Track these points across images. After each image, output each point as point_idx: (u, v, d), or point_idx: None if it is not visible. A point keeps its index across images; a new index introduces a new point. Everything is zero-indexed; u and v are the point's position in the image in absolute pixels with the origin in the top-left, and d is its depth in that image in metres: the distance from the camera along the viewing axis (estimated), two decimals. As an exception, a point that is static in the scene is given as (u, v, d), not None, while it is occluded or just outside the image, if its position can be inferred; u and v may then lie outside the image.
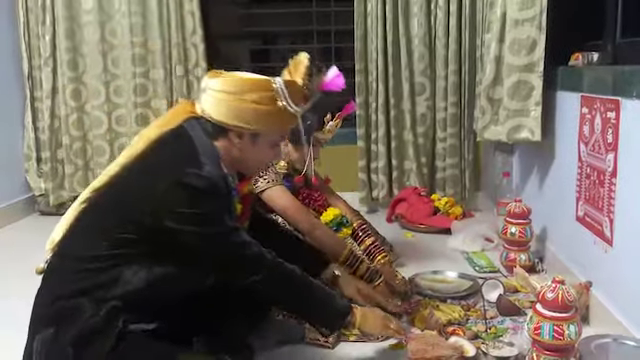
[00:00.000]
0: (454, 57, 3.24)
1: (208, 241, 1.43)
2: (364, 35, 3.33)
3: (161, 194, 1.39)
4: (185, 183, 1.39)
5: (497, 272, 2.46)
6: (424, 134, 3.37)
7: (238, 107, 1.46)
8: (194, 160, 1.43)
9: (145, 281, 1.43)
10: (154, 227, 1.40)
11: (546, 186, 2.58)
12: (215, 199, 1.42)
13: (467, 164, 3.36)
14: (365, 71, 3.36)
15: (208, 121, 1.50)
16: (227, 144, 1.51)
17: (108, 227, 1.44)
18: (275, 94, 1.46)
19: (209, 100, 1.49)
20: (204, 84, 1.51)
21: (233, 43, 4.22)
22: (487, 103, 2.66)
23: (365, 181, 3.45)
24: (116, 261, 1.42)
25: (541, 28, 2.44)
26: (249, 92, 1.45)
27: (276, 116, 1.48)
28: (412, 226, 3.12)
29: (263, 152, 1.55)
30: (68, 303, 1.40)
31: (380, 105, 3.33)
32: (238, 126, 1.47)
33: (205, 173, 1.40)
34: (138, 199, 1.43)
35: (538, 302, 1.61)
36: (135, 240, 1.42)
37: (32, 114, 3.61)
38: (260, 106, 1.45)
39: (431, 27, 3.29)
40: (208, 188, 1.40)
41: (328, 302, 1.60)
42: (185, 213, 1.39)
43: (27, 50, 3.54)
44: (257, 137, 1.51)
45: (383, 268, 2.16)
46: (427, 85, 3.33)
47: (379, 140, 3.37)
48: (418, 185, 3.35)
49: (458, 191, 3.37)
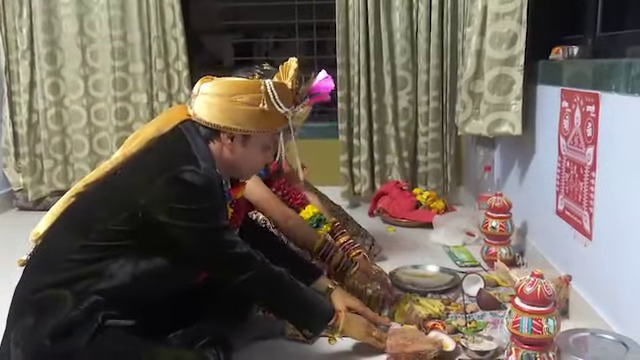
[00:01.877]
0: (436, 51, 3.22)
1: (199, 237, 1.45)
2: (346, 29, 3.30)
3: (157, 188, 1.41)
4: (181, 178, 1.40)
5: (478, 266, 2.45)
6: (406, 128, 3.36)
7: (229, 109, 1.48)
8: (191, 158, 1.44)
9: (131, 275, 1.43)
10: (146, 221, 1.41)
11: (527, 180, 2.57)
12: (210, 196, 1.44)
13: (449, 158, 3.35)
14: (347, 65, 3.34)
15: (201, 124, 1.52)
16: (219, 146, 1.53)
17: (98, 219, 1.44)
18: (264, 95, 1.48)
19: (201, 104, 1.52)
20: (196, 89, 1.54)
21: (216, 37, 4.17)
22: (468, 97, 2.64)
23: (347, 175, 3.43)
24: (103, 253, 1.42)
25: (522, 22, 2.43)
26: (240, 94, 1.48)
27: (266, 117, 1.50)
28: (394, 220, 3.11)
29: (254, 154, 1.57)
30: (49, 293, 1.40)
31: (362, 99, 3.31)
32: (229, 127, 1.50)
33: (202, 170, 1.43)
34: (133, 192, 1.44)
35: (517, 296, 1.60)
36: (125, 233, 1.43)
37: (10, 108, 3.54)
38: (250, 107, 1.48)
39: (413, 21, 3.26)
40: (204, 185, 1.42)
41: (313, 305, 1.64)
42: (179, 208, 1.41)
43: (4, 43, 3.47)
44: (248, 139, 1.53)
45: (359, 258, 2.14)
46: (409, 79, 3.31)
47: (361, 134, 3.35)
48: (400, 179, 3.34)
49: (440, 185, 3.36)
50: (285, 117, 1.53)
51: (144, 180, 1.44)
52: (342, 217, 2.59)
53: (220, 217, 1.49)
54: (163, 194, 1.41)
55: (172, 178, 1.41)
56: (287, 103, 1.52)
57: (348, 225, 2.60)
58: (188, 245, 1.45)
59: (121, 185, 1.49)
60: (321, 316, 1.65)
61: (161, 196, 1.41)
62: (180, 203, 1.41)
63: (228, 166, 1.56)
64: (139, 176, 1.47)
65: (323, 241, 2.06)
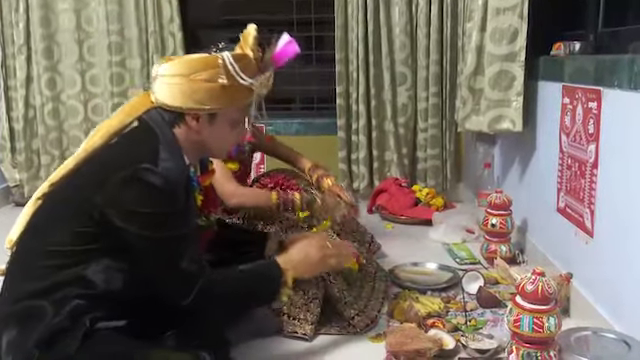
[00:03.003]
0: (436, 46, 3.19)
1: (148, 246, 1.36)
2: (344, 24, 3.27)
3: (112, 187, 1.33)
4: (138, 178, 1.32)
5: (478, 264, 2.44)
6: (405, 125, 3.33)
7: (190, 89, 1.40)
8: (152, 154, 1.36)
9: (104, 281, 1.38)
10: (105, 222, 1.34)
11: (527, 177, 2.56)
12: (168, 200, 1.35)
13: (448, 155, 3.33)
14: (345, 60, 3.31)
15: (164, 109, 1.44)
16: (186, 130, 1.45)
17: (62, 222, 1.39)
18: (223, 69, 1.40)
19: (161, 87, 1.42)
20: (154, 72, 1.45)
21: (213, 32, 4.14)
22: (468, 93, 2.62)
23: (346, 172, 3.41)
24: (72, 259, 1.37)
25: (523, 17, 2.41)
26: (198, 72, 1.39)
27: (230, 92, 1.42)
28: (393, 217, 3.10)
29: (223, 132, 1.48)
30: (28, 305, 1.35)
31: (361, 95, 3.29)
32: (193, 108, 1.41)
33: (161, 169, 1.34)
34: (91, 192, 1.36)
35: (518, 294, 1.58)
36: (89, 235, 1.37)
37: (6, 104, 3.52)
38: (211, 84, 1.39)
39: (412, 16, 3.23)
40: (162, 186, 1.33)
41: (263, 283, 1.55)
42: (132, 211, 1.33)
43: (0, 38, 3.44)
44: (215, 117, 1.44)
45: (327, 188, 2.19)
46: (408, 75, 3.28)
47: (360, 131, 3.33)
48: (399, 176, 3.32)
49: (439, 182, 3.34)
50: (250, 89, 1.44)
51: (101, 178, 1.36)
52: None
53: (177, 224, 1.38)
54: (118, 194, 1.33)
55: (128, 177, 1.33)
56: (251, 74, 1.43)
57: (346, 222, 2.58)
58: (138, 253, 1.37)
59: (81, 184, 1.41)
60: (273, 288, 1.54)
61: (116, 196, 1.33)
62: (134, 205, 1.33)
63: (198, 148, 1.49)
64: (97, 174, 1.39)
65: (277, 197, 2.09)
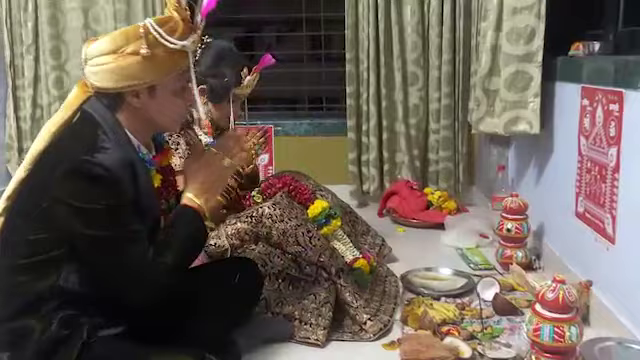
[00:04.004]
0: (448, 46, 3.15)
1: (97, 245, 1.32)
2: (355, 23, 3.23)
3: (54, 187, 1.29)
4: (75, 172, 1.28)
5: (492, 269, 2.39)
6: (416, 126, 3.29)
7: (120, 66, 1.34)
8: (90, 144, 1.31)
9: (80, 286, 1.35)
10: (55, 227, 1.31)
11: (544, 180, 2.50)
12: (111, 191, 1.29)
13: (461, 157, 3.27)
14: (356, 60, 3.27)
15: (101, 94, 1.38)
16: (128, 110, 1.40)
17: (23, 233, 1.36)
18: (146, 39, 1.33)
19: (92, 71, 1.37)
20: (83, 56, 1.39)
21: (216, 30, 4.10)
22: (482, 94, 2.58)
23: (355, 174, 3.37)
24: (44, 269, 1.35)
25: (540, 16, 2.38)
26: (124, 46, 1.33)
27: (161, 60, 1.35)
28: (404, 221, 3.05)
29: (168, 103, 1.42)
30: (14, 325, 1.34)
31: (371, 95, 3.24)
32: (129, 86, 1.36)
33: (100, 159, 1.28)
34: (38, 197, 1.33)
35: (537, 302, 1.54)
36: (49, 242, 1.33)
37: (14, 103, 3.50)
38: (140, 56, 1.33)
39: (424, 15, 3.19)
40: (102, 177, 1.27)
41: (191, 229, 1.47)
42: (75, 208, 1.28)
43: (9, 38, 3.43)
44: (154, 90, 1.39)
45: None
46: (420, 75, 3.24)
47: (370, 132, 3.29)
48: (410, 178, 3.27)
49: (451, 185, 3.29)
50: (184, 51, 1.37)
51: (44, 180, 1.31)
52: (351, 216, 2.54)
53: (125, 219, 1.32)
54: (59, 193, 1.28)
55: (67, 173, 1.28)
56: (181, 35, 1.36)
57: (357, 225, 2.55)
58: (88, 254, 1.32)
59: (28, 191, 1.37)
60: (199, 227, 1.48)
61: (57, 195, 1.29)
62: (75, 201, 1.28)
63: (147, 125, 1.44)
64: (40, 177, 1.34)
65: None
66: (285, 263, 1.99)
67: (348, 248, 2.23)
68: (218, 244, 2.01)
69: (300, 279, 1.98)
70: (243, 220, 2.05)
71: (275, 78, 3.78)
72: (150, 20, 1.34)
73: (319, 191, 2.37)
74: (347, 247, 2.23)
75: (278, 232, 2.00)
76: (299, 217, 2.09)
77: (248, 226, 2.03)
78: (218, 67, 2.08)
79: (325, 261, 2.00)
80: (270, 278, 1.98)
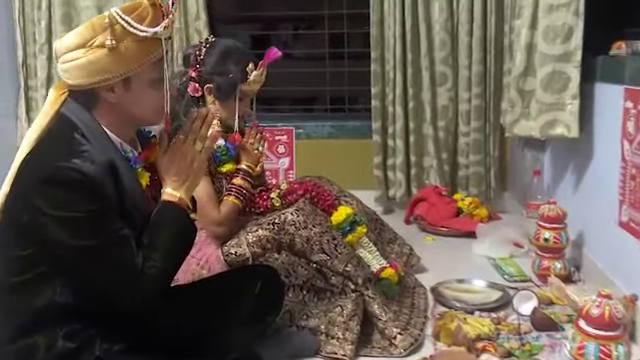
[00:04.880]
0: (479, 45, 3.11)
1: (81, 254, 1.30)
2: (380, 20, 3.22)
3: (32, 198, 1.27)
4: (50, 179, 1.26)
5: (529, 281, 2.35)
6: (445, 128, 3.27)
7: (89, 61, 1.31)
8: (65, 148, 1.30)
9: (75, 298, 1.34)
10: (39, 241, 1.30)
11: (583, 187, 2.47)
12: (90, 196, 1.27)
13: (492, 161, 3.24)
14: (381, 59, 3.26)
15: (76, 92, 1.36)
16: (105, 106, 1.38)
17: (12, 249, 1.35)
18: (111, 30, 1.30)
19: (63, 68, 1.36)
20: (54, 54, 1.38)
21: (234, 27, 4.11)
22: (517, 95, 2.56)
23: (381, 179, 3.35)
24: (36, 286, 1.34)
25: (578, 14, 2.35)
26: (92, 39, 1.31)
27: (133, 50, 1.33)
28: (433, 229, 3.03)
29: (145, 94, 1.39)
30: (18, 345, 1.34)
31: (397, 96, 3.22)
32: (102, 80, 1.33)
33: (76, 163, 1.26)
34: (19, 210, 1.31)
35: (581, 318, 1.51)
36: (36, 257, 1.32)
37: (26, 104, 3.54)
38: (108, 48, 1.31)
39: (453, 12, 3.17)
40: (80, 182, 1.26)
41: (176, 225, 1.44)
42: (55, 218, 1.27)
43: (22, 37, 3.47)
44: (129, 82, 1.36)
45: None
46: (449, 75, 3.21)
47: (396, 134, 3.27)
48: (439, 184, 3.25)
49: (483, 190, 3.26)
50: (157, 38, 1.34)
51: (23, 192, 1.30)
52: (377, 223, 2.52)
53: (108, 224, 1.30)
54: (37, 203, 1.26)
55: (42, 181, 1.26)
56: (151, 22, 1.33)
57: (383, 232, 2.53)
58: (72, 265, 1.31)
59: (11, 205, 1.34)
60: (182, 220, 1.46)
61: (36, 206, 1.26)
62: (54, 210, 1.26)
63: (127, 120, 1.42)
64: (19, 189, 1.32)
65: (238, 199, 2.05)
66: (310, 273, 1.98)
67: (374, 257, 2.21)
68: (239, 253, 2.01)
69: (326, 290, 1.97)
70: (265, 227, 2.04)
71: (294, 78, 3.80)
72: (116, 9, 1.32)
73: (343, 197, 2.36)
74: (373, 256, 2.21)
75: (302, 239, 1.99)
76: (323, 224, 2.08)
77: (270, 233, 2.02)
78: (223, 65, 2.09)
79: (351, 271, 1.99)
80: (294, 289, 1.97)
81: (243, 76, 2.10)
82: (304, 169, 3.13)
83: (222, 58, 2.09)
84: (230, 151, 2.08)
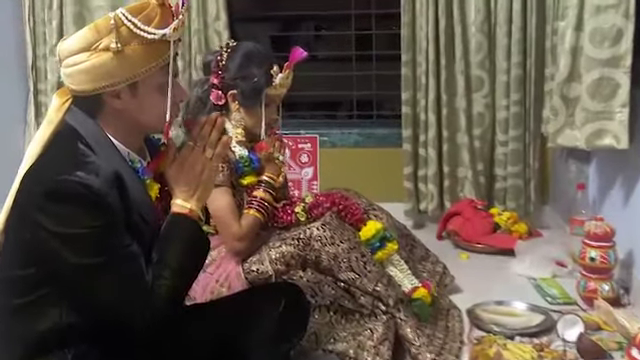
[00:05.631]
0: (518, 47, 3.11)
1: (87, 273, 1.31)
2: (412, 21, 3.23)
3: (34, 214, 1.28)
4: (53, 194, 1.27)
5: (574, 304, 2.35)
6: (481, 137, 3.26)
7: (94, 65, 1.32)
8: (68, 159, 1.31)
9: (82, 319, 1.36)
10: (42, 260, 1.31)
11: (633, 202, 2.46)
12: (95, 210, 1.28)
13: (532, 173, 3.23)
14: (413, 63, 3.26)
15: (80, 98, 1.37)
16: (110, 113, 1.39)
17: (14, 269, 1.36)
18: (116, 32, 1.31)
19: (66, 73, 1.36)
20: (57, 56, 1.39)
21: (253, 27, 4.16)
22: (561, 102, 2.56)
23: (412, 191, 3.35)
24: (41, 307, 1.35)
25: (628, 15, 2.37)
26: (96, 41, 1.32)
27: (140, 53, 1.34)
28: (468, 245, 3.03)
29: (153, 99, 1.40)
30: None
31: (430, 102, 3.23)
32: (107, 85, 1.35)
33: (80, 176, 1.27)
34: (20, 226, 1.33)
35: (634, 347, 1.50)
36: (40, 276, 1.34)
37: (35, 109, 3.59)
38: (114, 52, 1.32)
39: (491, 12, 3.17)
40: (84, 196, 1.27)
41: (187, 239, 1.45)
42: (60, 235, 1.28)
43: (31, 37, 3.52)
44: (136, 87, 1.37)
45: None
46: (486, 79, 3.21)
47: (428, 143, 3.27)
48: (474, 197, 3.24)
49: (521, 204, 3.24)
50: (165, 41, 1.35)
51: (24, 207, 1.31)
52: (408, 239, 2.53)
53: (113, 241, 1.31)
54: (39, 218, 1.27)
55: (45, 195, 1.27)
56: (160, 23, 1.34)
57: (415, 249, 2.54)
58: (77, 285, 1.32)
59: (14, 223, 1.36)
60: (194, 232, 1.46)
61: (37, 221, 1.28)
62: (58, 227, 1.27)
63: (133, 128, 1.43)
64: (21, 203, 1.33)
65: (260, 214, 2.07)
66: (337, 293, 1.99)
67: (406, 276, 2.23)
68: (261, 270, 2.03)
69: (354, 311, 1.98)
70: (289, 243, 2.06)
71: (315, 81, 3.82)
72: (122, 9, 1.33)
73: (372, 210, 2.38)
74: (405, 274, 2.23)
75: (328, 256, 2.01)
76: (351, 240, 2.10)
77: (295, 249, 2.04)
78: (246, 68, 2.11)
79: (382, 290, 2.00)
80: (320, 310, 1.98)
81: (268, 80, 2.12)
82: (328, 180, 3.14)
83: (245, 62, 2.12)
84: (253, 163, 2.10)
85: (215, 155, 1.47)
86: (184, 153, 1.47)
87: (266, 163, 2.13)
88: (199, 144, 1.46)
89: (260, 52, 2.19)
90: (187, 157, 1.46)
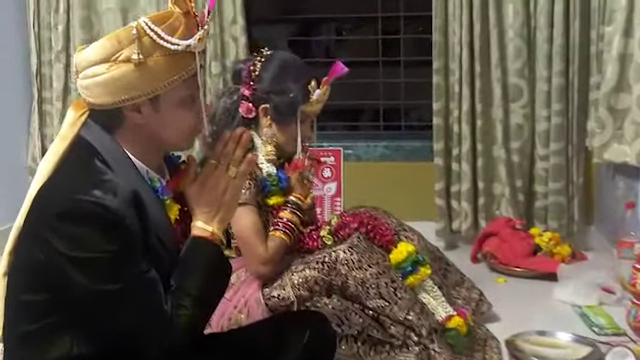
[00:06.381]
0: (560, 54, 3.12)
1: (103, 300, 1.31)
2: (444, 25, 3.26)
3: (47, 235, 1.30)
4: (68, 215, 1.28)
5: (623, 335, 2.32)
6: (520, 150, 3.27)
7: (113, 77, 1.34)
8: (85, 177, 1.33)
9: (96, 348, 1.37)
10: (56, 285, 1.32)
11: (688, 224, 2.43)
12: (113, 233, 1.29)
13: (576, 190, 3.22)
14: (445, 70, 3.29)
15: (97, 112, 1.39)
16: (130, 128, 1.41)
17: (24, 294, 1.38)
18: (138, 42, 1.32)
19: (83, 85, 1.38)
20: (74, 67, 1.41)
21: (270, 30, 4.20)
22: (607, 114, 2.56)
23: (443, 208, 3.37)
24: (52, 335, 1.36)
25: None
26: (117, 52, 1.33)
27: (163, 65, 1.36)
28: (505, 269, 3.02)
29: (176, 115, 1.42)
30: None
31: (464, 113, 3.25)
32: (128, 99, 1.36)
33: (97, 195, 1.28)
34: (32, 248, 1.34)
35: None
36: (52, 302, 1.35)
37: (39, 119, 3.66)
38: (135, 63, 1.34)
39: (530, 15, 3.19)
40: (102, 217, 1.28)
41: (207, 264, 1.45)
42: (74, 259, 1.28)
43: (36, 43, 3.59)
44: (157, 100, 1.39)
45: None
46: (524, 88, 3.23)
47: (462, 157, 3.29)
48: (512, 215, 3.24)
49: (564, 224, 3.24)
50: (191, 53, 1.37)
51: (37, 228, 1.32)
52: (441, 262, 2.53)
53: (131, 266, 1.32)
54: (53, 240, 1.28)
55: (60, 216, 1.28)
56: (184, 34, 1.36)
57: (449, 273, 2.54)
58: (92, 312, 1.33)
59: (24, 242, 1.38)
60: (214, 257, 1.47)
61: (51, 244, 1.28)
62: (73, 251, 1.28)
63: (153, 145, 1.44)
64: (33, 224, 1.35)
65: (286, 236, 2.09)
66: (365, 322, 2.00)
67: (440, 303, 2.23)
68: (282, 296, 2.04)
69: (384, 342, 1.99)
70: (313, 267, 2.07)
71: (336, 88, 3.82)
72: (145, 18, 1.35)
73: (403, 231, 2.39)
74: (438, 302, 2.23)
75: (356, 282, 2.02)
76: (381, 264, 2.11)
77: (319, 274, 2.05)
78: (282, 81, 2.13)
79: (414, 319, 2.01)
80: (347, 340, 1.99)
81: (305, 95, 2.13)
82: (353, 197, 3.15)
83: (280, 74, 2.14)
84: (281, 181, 2.12)
85: (239, 174, 1.47)
86: (206, 171, 1.47)
87: (295, 183, 2.15)
88: (222, 162, 1.46)
89: (297, 64, 2.20)
90: (209, 176, 1.47)
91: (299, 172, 2.16)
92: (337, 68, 2.17)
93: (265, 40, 3.97)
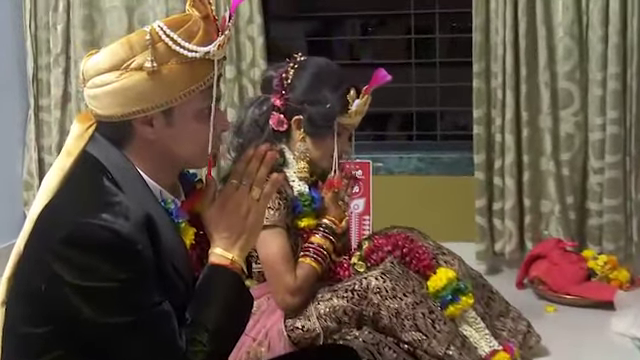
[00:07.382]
0: (616, 55, 3.13)
1: (112, 334, 1.31)
2: (485, 23, 3.28)
3: (51, 262, 1.29)
4: (74, 241, 1.28)
5: (691, 373, 2.31)
6: (571, 163, 3.28)
7: (124, 86, 1.34)
8: (92, 199, 1.33)
9: None
10: (59, 316, 1.32)
11: None
12: (122, 261, 1.29)
13: (634, 207, 3.22)
14: (486, 74, 3.31)
15: (105, 124, 1.40)
16: (141, 143, 1.41)
17: (25, 326, 1.38)
18: (152, 49, 1.33)
19: (91, 94, 1.38)
20: (81, 74, 1.41)
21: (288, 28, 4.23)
22: (671, 123, 2.54)
23: (485, 228, 3.37)
24: None
25: None
26: (128, 59, 1.34)
27: (178, 74, 1.36)
28: (555, 296, 3.03)
29: (191, 129, 1.42)
30: None
31: (508, 121, 3.26)
32: (139, 111, 1.36)
33: (105, 219, 1.28)
34: (34, 276, 1.34)
35: None
36: (55, 335, 1.35)
37: (35, 129, 3.70)
38: (148, 72, 1.34)
39: (582, 12, 3.21)
40: (110, 243, 1.28)
41: (223, 293, 1.45)
42: (80, 289, 1.28)
43: (32, 45, 3.64)
44: (171, 113, 1.38)
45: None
46: (576, 94, 3.24)
47: (505, 171, 3.30)
48: (562, 236, 3.24)
49: (622, 246, 3.23)
50: (208, 60, 1.37)
51: (39, 254, 1.32)
52: (484, 290, 2.53)
53: (143, 296, 1.32)
54: (57, 268, 1.28)
55: (66, 241, 1.28)
56: (202, 40, 1.36)
57: (493, 302, 2.53)
58: (100, 347, 1.33)
59: (24, 269, 1.38)
60: (228, 285, 1.46)
61: (55, 272, 1.28)
62: (77, 279, 1.27)
63: (166, 163, 1.44)
64: (35, 249, 1.34)
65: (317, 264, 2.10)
66: (400, 357, 2.01)
67: (483, 336, 2.24)
68: (307, 327, 2.06)
69: (420, 380, 1.99)
70: (341, 295, 2.09)
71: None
72: (160, 22, 1.35)
73: (442, 255, 2.39)
74: (482, 335, 2.24)
75: (389, 312, 2.03)
76: (417, 292, 2.11)
77: (348, 303, 2.07)
78: (317, 91, 2.14)
79: (455, 355, 2.01)
80: (379, 378, 1.99)
81: (343, 106, 2.15)
82: (383, 215, 3.16)
83: (315, 83, 2.15)
84: (315, 202, 2.14)
85: (263, 196, 1.47)
86: (226, 192, 1.47)
87: (329, 204, 2.16)
88: (244, 182, 1.47)
89: (334, 72, 2.22)
90: (230, 197, 1.47)
91: (334, 191, 2.17)
92: (380, 75, 2.19)
93: (283, 40, 4.03)
